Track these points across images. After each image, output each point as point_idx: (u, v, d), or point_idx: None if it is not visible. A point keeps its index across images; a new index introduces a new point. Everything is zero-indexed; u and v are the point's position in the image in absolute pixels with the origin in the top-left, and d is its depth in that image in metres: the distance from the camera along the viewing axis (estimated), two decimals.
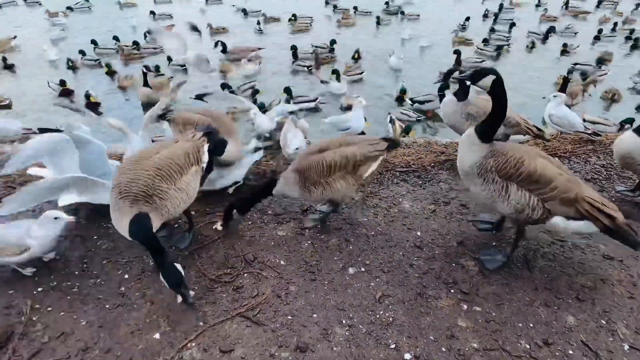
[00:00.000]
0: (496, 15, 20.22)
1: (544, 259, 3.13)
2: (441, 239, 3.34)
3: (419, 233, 3.41)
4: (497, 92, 2.68)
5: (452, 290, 2.84)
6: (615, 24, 18.45)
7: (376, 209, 3.73)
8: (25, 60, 14.73)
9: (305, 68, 13.35)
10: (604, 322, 2.63)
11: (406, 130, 7.94)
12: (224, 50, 14.20)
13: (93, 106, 10.03)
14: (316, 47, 14.89)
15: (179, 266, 2.52)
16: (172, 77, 11.51)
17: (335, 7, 21.47)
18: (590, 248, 3.26)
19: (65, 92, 10.95)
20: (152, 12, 20.62)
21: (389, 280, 2.93)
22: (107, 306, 2.68)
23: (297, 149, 4.33)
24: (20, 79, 13.36)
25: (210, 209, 3.68)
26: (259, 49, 14.61)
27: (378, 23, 18.36)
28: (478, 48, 14.97)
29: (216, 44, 14.07)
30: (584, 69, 13.04)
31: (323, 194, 3.12)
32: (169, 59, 13.06)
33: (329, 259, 3.12)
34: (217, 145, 3.16)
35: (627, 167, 3.73)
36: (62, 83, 11.16)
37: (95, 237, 3.30)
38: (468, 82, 2.96)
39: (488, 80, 2.65)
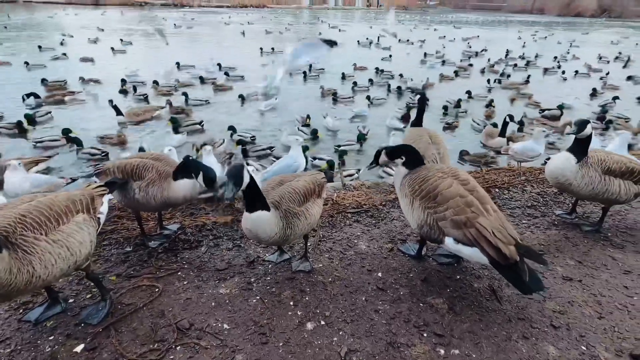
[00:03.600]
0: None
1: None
2: (404, 278, 3.06)
3: (380, 274, 3.10)
4: (412, 158, 3.07)
5: (425, 334, 2.51)
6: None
7: (331, 253, 3.39)
8: None
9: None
10: (584, 347, 2.44)
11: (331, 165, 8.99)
12: (119, 112, 12.65)
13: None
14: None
15: None
16: (75, 139, 10.37)
17: (201, 78, 19.34)
18: (549, 271, 3.19)
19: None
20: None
21: (354, 332, 2.52)
22: None
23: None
24: None
25: (136, 272, 3.06)
26: (162, 107, 14.02)
27: (243, 99, 16.69)
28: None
29: (110, 102, 12.89)
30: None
31: (305, 225, 2.83)
32: None
33: (283, 315, 2.65)
34: (206, 179, 2.98)
35: (560, 187, 3.79)
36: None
37: None
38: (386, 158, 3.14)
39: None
